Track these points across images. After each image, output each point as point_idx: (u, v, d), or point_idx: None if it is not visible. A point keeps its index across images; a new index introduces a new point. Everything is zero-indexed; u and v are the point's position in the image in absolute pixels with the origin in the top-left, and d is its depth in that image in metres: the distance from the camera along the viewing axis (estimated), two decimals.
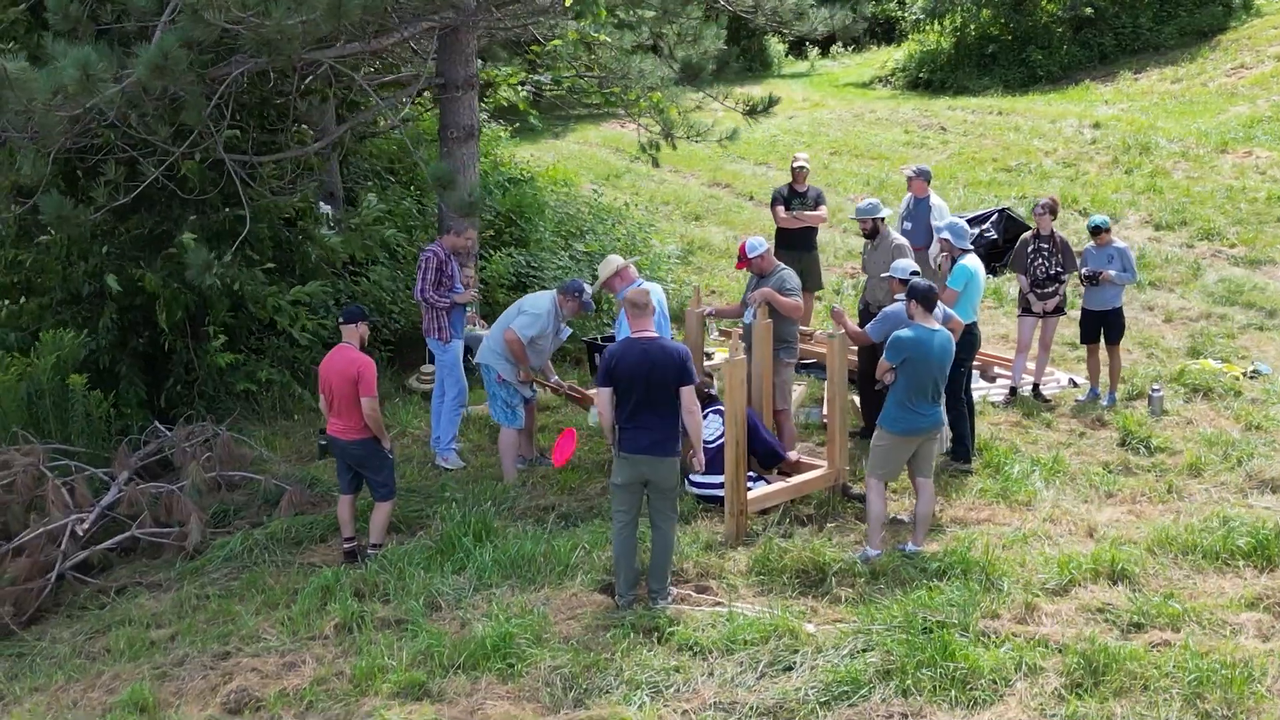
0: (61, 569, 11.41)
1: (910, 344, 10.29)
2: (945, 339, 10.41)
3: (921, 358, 10.28)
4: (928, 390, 10.36)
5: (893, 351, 10.35)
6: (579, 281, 12.47)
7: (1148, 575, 10.10)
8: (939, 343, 10.36)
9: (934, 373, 10.33)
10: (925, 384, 10.34)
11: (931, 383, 10.35)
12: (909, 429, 10.46)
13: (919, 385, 10.33)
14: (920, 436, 10.53)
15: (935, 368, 10.33)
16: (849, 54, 46.57)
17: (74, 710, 9.55)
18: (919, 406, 10.38)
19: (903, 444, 10.54)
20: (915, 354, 10.28)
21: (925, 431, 10.52)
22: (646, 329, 9.72)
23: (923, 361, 10.27)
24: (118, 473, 12.61)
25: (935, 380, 10.36)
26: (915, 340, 10.30)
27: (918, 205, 16.31)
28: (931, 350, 10.30)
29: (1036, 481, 11.95)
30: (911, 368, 10.29)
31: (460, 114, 15.48)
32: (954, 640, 8.80)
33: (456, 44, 15.30)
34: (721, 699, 8.47)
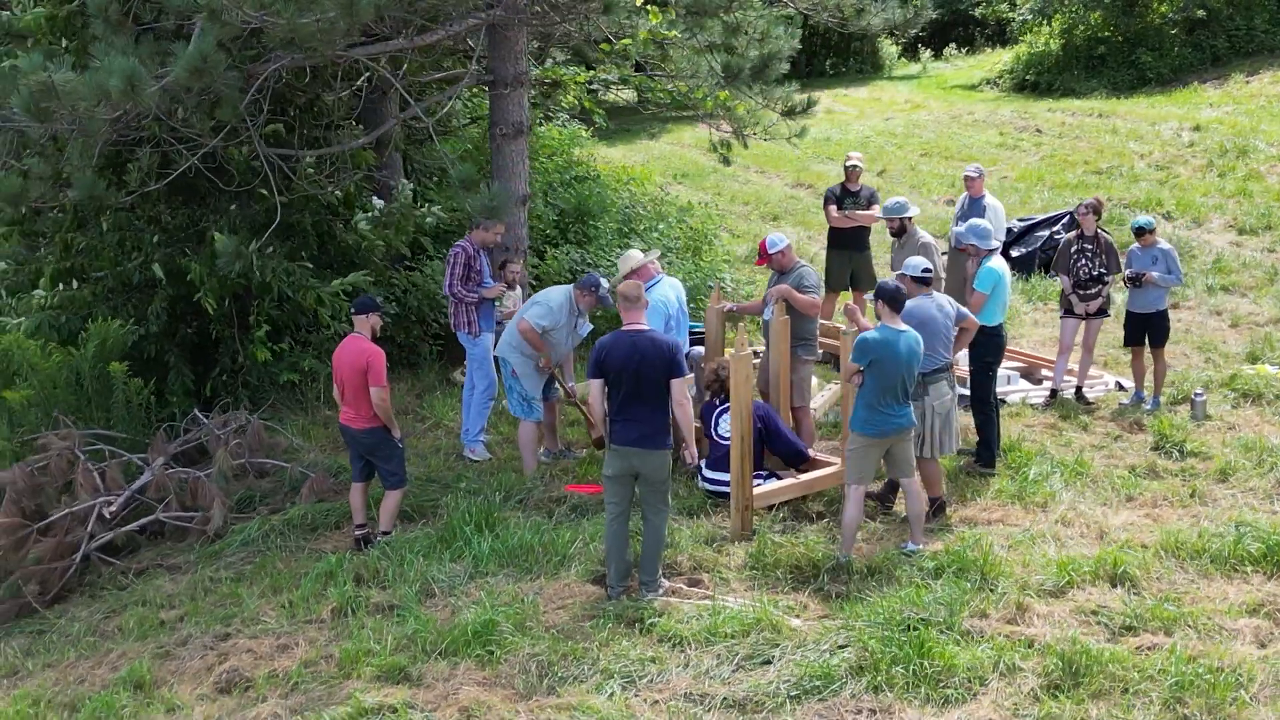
0: (87, 550, 11.69)
1: (877, 345, 10.22)
2: (912, 340, 10.34)
3: (888, 359, 10.19)
4: (896, 391, 10.26)
5: (859, 353, 10.32)
6: (596, 276, 12.52)
7: (1151, 579, 9.94)
8: (906, 344, 10.26)
9: (901, 374, 10.22)
10: (893, 385, 10.24)
11: (900, 383, 10.25)
12: (879, 430, 10.36)
13: (887, 386, 10.24)
14: (892, 438, 10.44)
15: (903, 369, 10.22)
16: (962, 56, 46.16)
17: (78, 686, 9.80)
18: (888, 407, 10.29)
19: (875, 446, 10.44)
20: (882, 355, 10.19)
21: (896, 432, 10.43)
22: (637, 321, 9.77)
23: (890, 363, 10.18)
24: (153, 458, 12.86)
25: (904, 381, 10.28)
26: (881, 342, 10.22)
27: (973, 205, 16.17)
28: (899, 351, 10.20)
29: (1056, 483, 11.77)
30: (879, 369, 10.20)
31: (509, 111, 15.56)
32: (930, 638, 8.74)
33: (505, 41, 15.39)
34: (693, 690, 8.49)
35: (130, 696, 9.35)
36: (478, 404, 13.18)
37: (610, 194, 21.08)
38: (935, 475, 11.28)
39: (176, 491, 12.20)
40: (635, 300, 9.82)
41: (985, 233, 12.31)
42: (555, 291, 12.47)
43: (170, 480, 12.27)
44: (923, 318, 10.99)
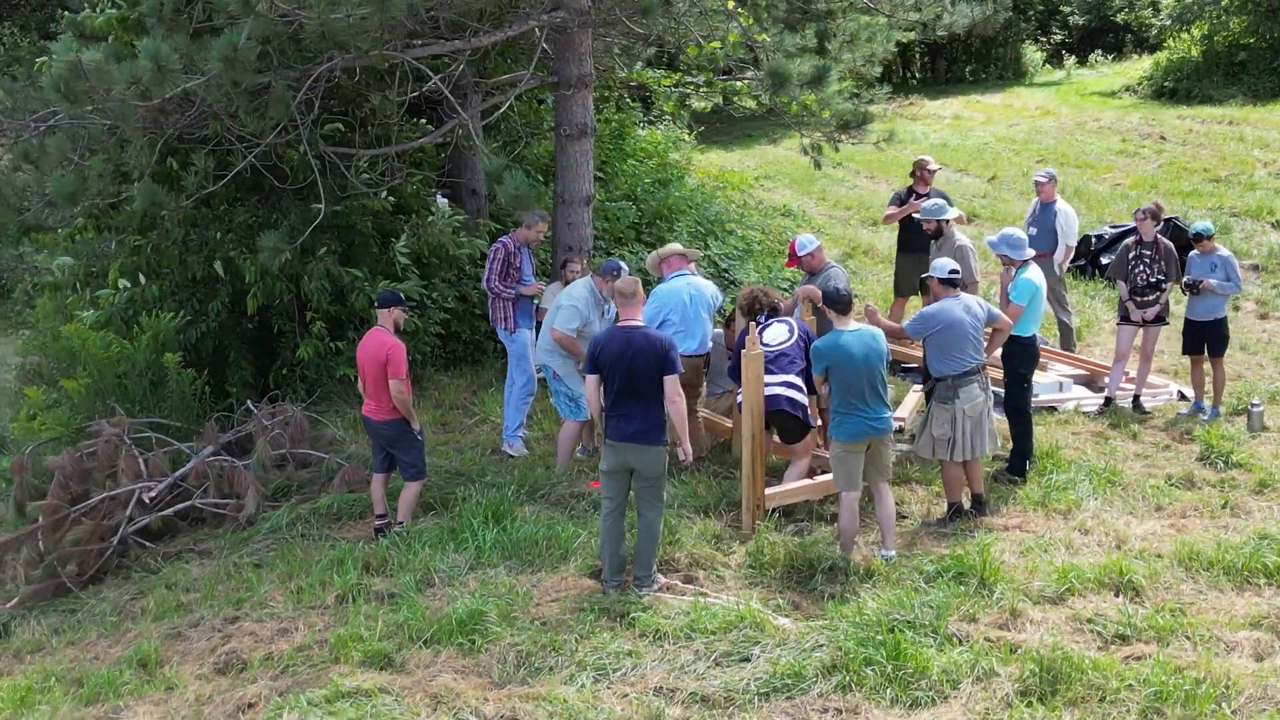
0: (124, 533, 12.02)
1: (827, 350, 10.25)
2: (867, 336, 10.28)
3: (842, 360, 10.16)
4: (864, 391, 10.18)
5: (815, 361, 10.36)
6: (614, 261, 12.56)
7: (1158, 589, 9.73)
8: (860, 342, 10.21)
9: (863, 372, 10.15)
10: (858, 385, 10.17)
11: (865, 383, 10.17)
12: (855, 432, 10.26)
13: (852, 387, 10.17)
14: (869, 439, 10.32)
15: (861, 367, 10.15)
16: (1108, 63, 45.41)
17: (92, 663, 10.11)
18: (859, 409, 10.21)
19: (854, 449, 10.33)
20: (835, 358, 10.20)
21: (874, 433, 10.30)
22: (633, 318, 9.82)
23: (845, 364, 10.14)
24: (200, 447, 13.19)
25: (868, 379, 10.19)
26: (830, 344, 10.23)
27: (1044, 210, 15.97)
28: (851, 351, 10.16)
29: (1083, 491, 11.56)
30: (838, 372, 10.17)
31: (574, 112, 15.68)
32: (905, 640, 8.66)
33: (569, 43, 15.52)
34: (665, 684, 8.52)
35: (133, 674, 9.63)
36: (516, 400, 13.30)
37: (695, 196, 21.10)
38: (958, 479, 11.15)
39: (215, 479, 12.48)
40: (631, 296, 9.86)
41: (1018, 242, 12.13)
42: (576, 288, 12.54)
43: (211, 469, 12.56)
44: (948, 320, 10.89)
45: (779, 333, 11.51)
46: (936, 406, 11.06)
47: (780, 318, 11.75)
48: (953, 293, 11.06)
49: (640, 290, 9.97)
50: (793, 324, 11.63)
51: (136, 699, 9.26)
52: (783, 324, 11.63)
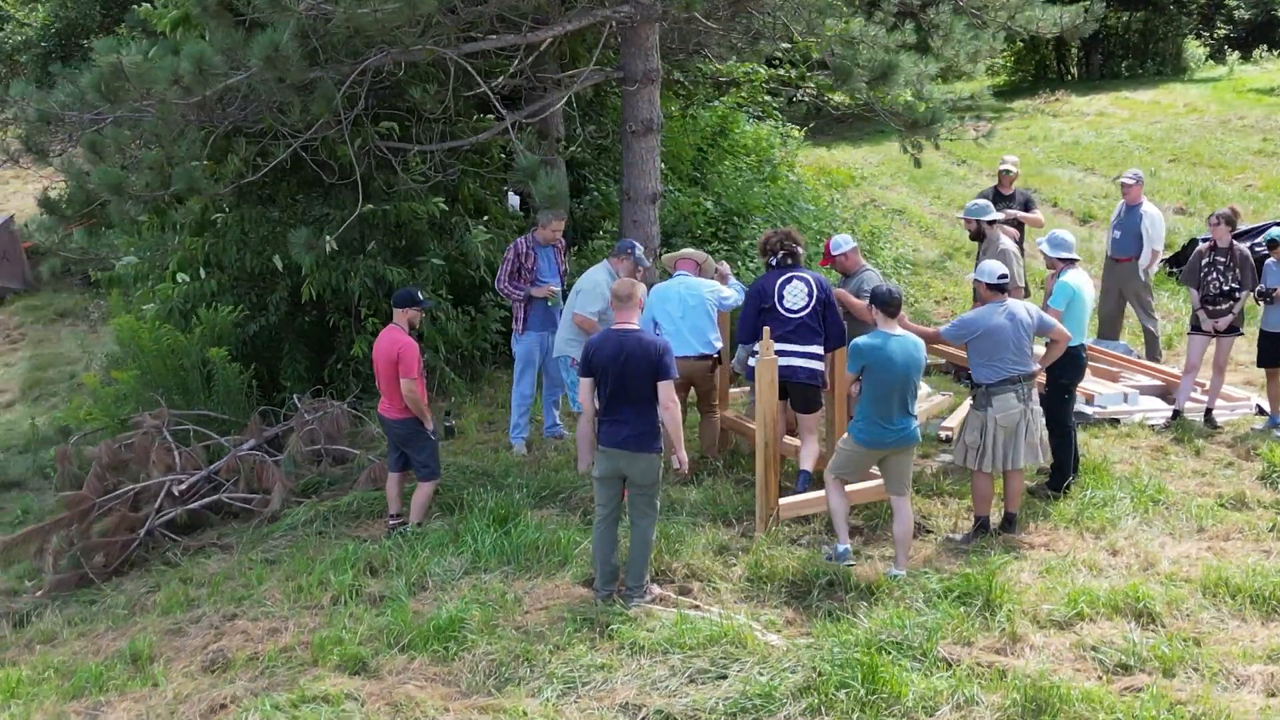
0: (151, 525, 12.05)
1: (867, 350, 9.84)
2: (909, 344, 9.88)
3: (881, 364, 9.80)
4: (893, 400, 9.84)
5: (852, 359, 9.96)
6: (629, 241, 12.32)
7: (1175, 616, 9.21)
8: (901, 348, 9.82)
9: (898, 381, 9.81)
10: (889, 393, 9.83)
11: (897, 393, 9.83)
12: (873, 441, 9.97)
13: (883, 395, 9.84)
14: (886, 450, 10.00)
15: (899, 375, 9.80)
16: (1273, 58, 44.02)
17: (92, 656, 10.13)
18: (884, 419, 9.88)
19: (866, 454, 10.07)
20: (874, 360, 9.81)
21: (892, 445, 9.96)
22: (628, 321, 9.55)
23: (883, 368, 9.80)
24: (238, 442, 13.21)
25: (901, 390, 9.84)
26: (873, 346, 9.82)
27: (1129, 213, 15.39)
28: (893, 355, 9.78)
29: (1123, 509, 11.03)
30: (873, 375, 9.83)
31: (639, 108, 15.43)
32: (884, 662, 8.28)
33: (635, 37, 15.28)
34: (632, 701, 8.23)
35: (123, 669, 9.61)
36: (516, 400, 13.18)
37: (794, 193, 20.64)
38: (987, 493, 10.70)
39: (245, 474, 12.46)
40: (627, 299, 9.60)
41: (1060, 242, 11.63)
42: (594, 273, 12.31)
43: (243, 463, 12.55)
44: (986, 326, 10.46)
45: (798, 296, 11.15)
46: (971, 413, 10.68)
47: (798, 271, 11.35)
48: (999, 298, 10.60)
49: (636, 293, 9.68)
50: (810, 281, 11.24)
51: (120, 695, 9.24)
52: (801, 281, 11.25)
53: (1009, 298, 10.65)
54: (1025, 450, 10.52)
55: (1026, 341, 10.49)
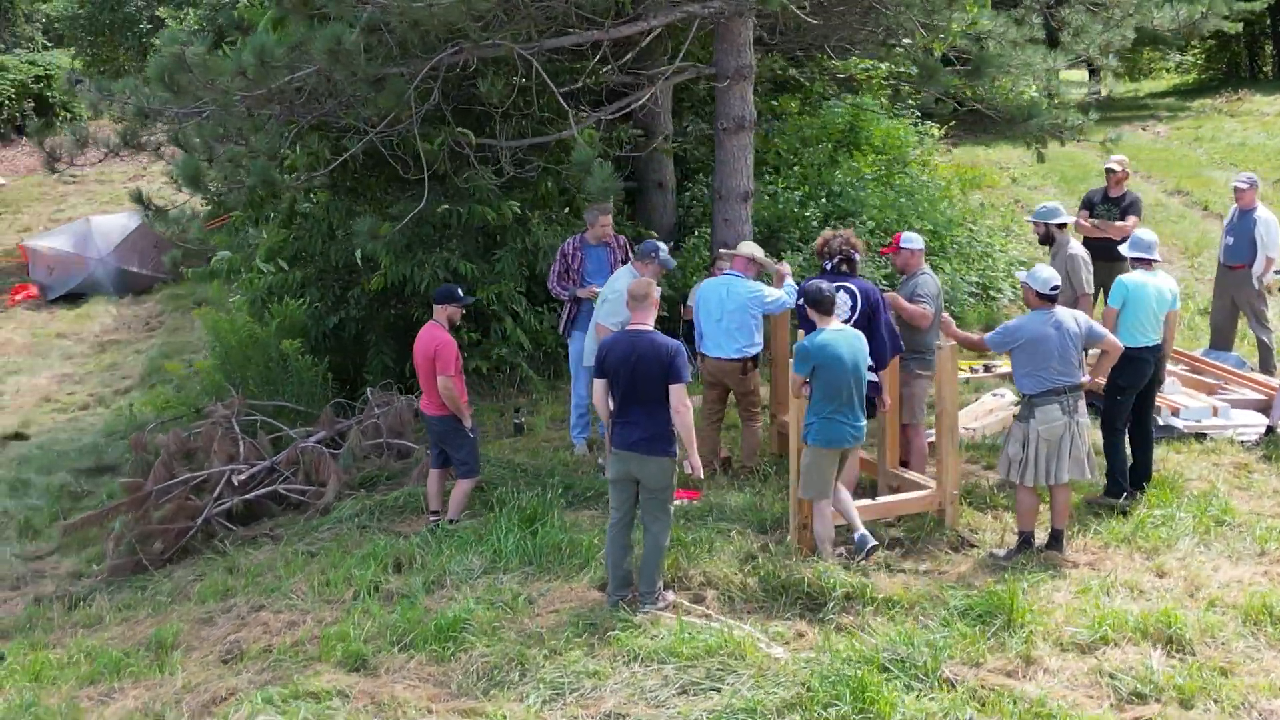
0: (208, 514, 12.19)
1: (815, 350, 9.75)
2: (853, 338, 9.83)
3: (830, 362, 9.66)
4: (843, 396, 9.70)
5: (799, 361, 9.79)
6: (652, 243, 12.05)
7: (1208, 644, 8.72)
8: (847, 343, 9.76)
9: (847, 377, 9.68)
10: (839, 390, 9.69)
11: (847, 389, 9.69)
12: (830, 439, 9.80)
13: (833, 392, 9.69)
14: (845, 448, 9.91)
15: (849, 370, 9.68)
16: None
17: (125, 642, 10.28)
18: (840, 416, 9.74)
19: (828, 456, 9.85)
20: (822, 360, 9.71)
21: (851, 443, 9.89)
22: (642, 322, 9.37)
23: (833, 365, 9.66)
24: (314, 432, 13.32)
25: (850, 387, 9.70)
26: (819, 346, 9.74)
27: (1242, 218, 14.71)
28: (840, 353, 9.69)
29: (1182, 529, 10.51)
30: (823, 374, 9.68)
31: (731, 105, 15.20)
32: (873, 680, 7.97)
33: (727, 33, 15.06)
34: (617, 710, 8.06)
35: (143, 657, 9.71)
36: (574, 401, 13.11)
37: (918, 194, 20.12)
38: (1030, 508, 10.28)
39: (305, 466, 12.54)
40: (642, 299, 9.42)
41: (1138, 243, 11.16)
42: (616, 278, 12.06)
43: (304, 455, 12.64)
44: (1030, 335, 10.07)
45: (841, 308, 10.74)
46: (1015, 424, 10.31)
47: (848, 280, 11.00)
48: (1048, 307, 10.18)
49: (652, 293, 9.48)
50: (856, 291, 10.88)
51: (134, 682, 9.35)
52: (847, 292, 10.88)
53: (1059, 306, 10.23)
54: (1070, 464, 10.08)
55: (1074, 352, 10.05)
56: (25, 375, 21.47)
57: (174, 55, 11.63)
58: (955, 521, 10.72)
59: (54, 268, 27.30)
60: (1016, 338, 10.12)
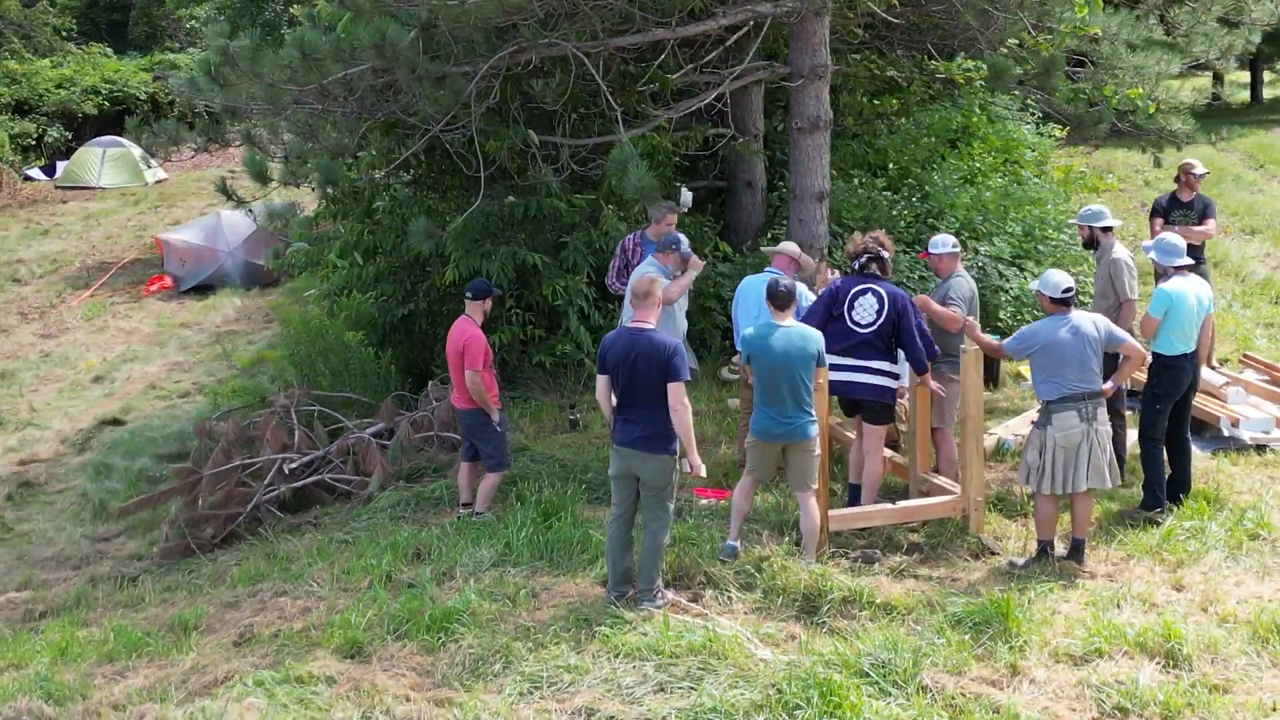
0: (258, 501, 12.48)
1: (749, 341, 9.99)
2: (794, 335, 9.82)
3: (759, 354, 9.82)
4: (776, 391, 9.76)
5: (742, 349, 10.19)
6: (674, 235, 12.04)
7: (1208, 660, 8.49)
8: (785, 339, 9.77)
9: (781, 371, 9.72)
10: (771, 384, 9.78)
11: (782, 384, 9.74)
12: (761, 431, 9.97)
13: (765, 384, 9.83)
14: (777, 442, 9.92)
15: (778, 364, 9.72)
16: None
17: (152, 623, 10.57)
18: (768, 408, 9.84)
19: (759, 446, 10.04)
20: (754, 350, 9.90)
21: (780, 438, 9.87)
22: (644, 320, 9.38)
23: (762, 359, 9.80)
24: (373, 424, 13.56)
25: (785, 382, 9.73)
26: (755, 337, 9.92)
27: None
28: (773, 346, 9.75)
29: (1213, 541, 10.23)
30: (756, 365, 9.89)
31: (806, 105, 15.11)
32: (841, 684, 7.90)
33: (802, 32, 14.98)
34: (589, 705, 8.09)
35: (163, 638, 9.97)
36: None
37: (1018, 196, 19.76)
38: (1049, 516, 10.08)
39: (353, 456, 12.77)
40: (644, 297, 9.44)
41: (1168, 248, 10.89)
42: (641, 271, 12.03)
43: (355, 446, 12.87)
44: (1046, 340, 9.91)
45: (867, 310, 10.75)
46: (1033, 431, 10.13)
47: (876, 283, 10.88)
48: (1063, 311, 9.99)
49: (655, 291, 9.49)
50: (884, 296, 10.74)
51: (147, 662, 9.59)
52: (874, 295, 10.77)
53: (1077, 311, 10.03)
54: (1090, 473, 9.86)
55: (1092, 358, 9.84)
56: (140, 363, 22.15)
57: (220, 49, 11.90)
58: (980, 528, 10.55)
59: (186, 260, 28.14)
60: (1032, 344, 9.94)
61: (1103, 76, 18.20)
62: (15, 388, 21.50)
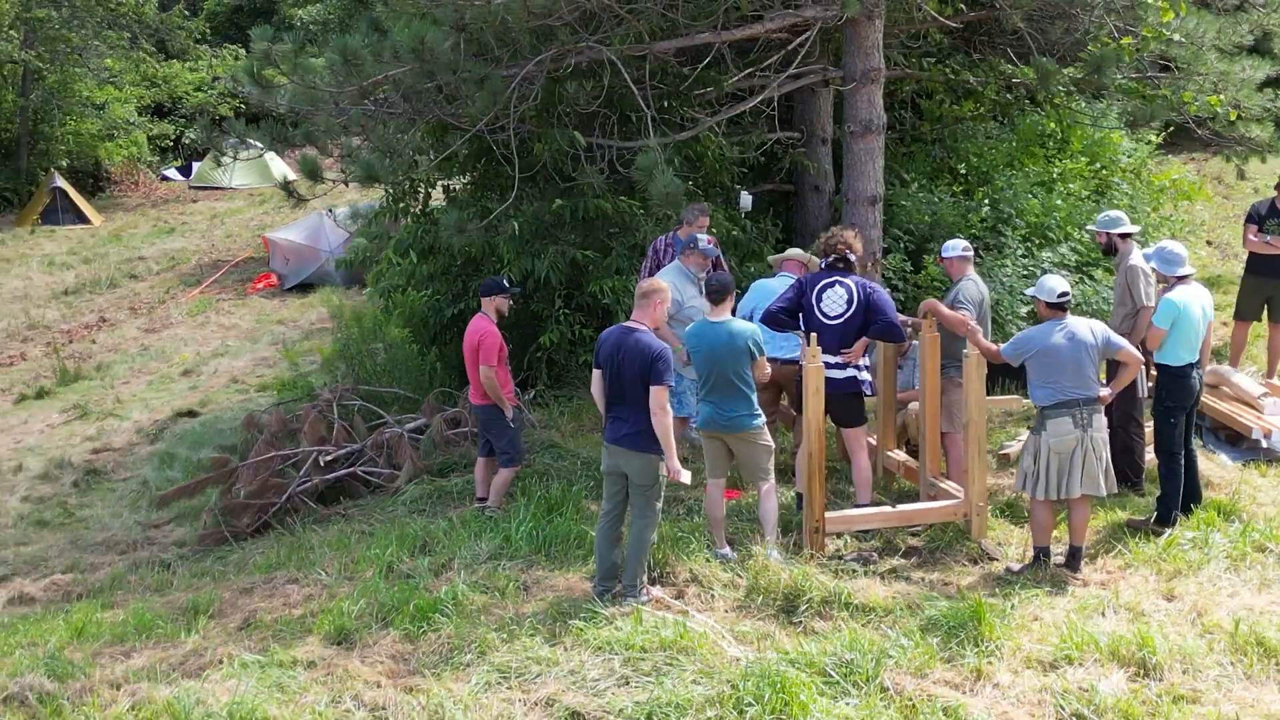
0: (292, 492, 12.81)
1: (688, 336, 10.28)
2: (732, 332, 9.95)
3: (695, 349, 10.12)
4: (714, 383, 9.99)
5: (685, 344, 10.48)
6: (693, 235, 12.10)
7: (1178, 670, 8.41)
8: (719, 335, 9.96)
9: (716, 365, 9.94)
10: (710, 376, 10.00)
11: (720, 377, 9.95)
12: (704, 421, 10.22)
13: (705, 377, 10.08)
14: (720, 433, 10.13)
15: (717, 361, 9.93)
16: None
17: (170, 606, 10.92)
18: (710, 400, 10.07)
19: (706, 438, 10.33)
20: (691, 345, 10.19)
21: (722, 428, 10.08)
22: (639, 320, 9.59)
23: (697, 353, 10.08)
24: (416, 419, 13.83)
25: (720, 375, 9.95)
26: (693, 333, 10.20)
27: None
28: (707, 342, 10.00)
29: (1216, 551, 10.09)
30: (694, 359, 10.20)
31: (859, 108, 15.12)
32: (792, 682, 7.96)
33: (856, 35, 14.99)
34: (551, 696, 8.24)
35: (174, 621, 10.31)
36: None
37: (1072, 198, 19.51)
38: (1044, 523, 10.00)
39: (387, 450, 13.05)
40: (642, 298, 9.70)
41: (1170, 257, 10.73)
42: (666, 272, 12.10)
43: (391, 440, 13.14)
44: (1041, 345, 9.86)
45: (836, 302, 10.85)
46: (1029, 436, 10.09)
47: (843, 276, 10.98)
48: (1059, 316, 9.94)
49: (652, 293, 9.66)
50: (853, 288, 10.84)
51: (152, 644, 9.90)
52: (842, 287, 10.88)
53: (1072, 316, 9.96)
54: (1083, 479, 9.78)
55: (1088, 364, 9.77)
56: (229, 358, 22.73)
57: (262, 52, 12.24)
58: (982, 533, 10.51)
59: (290, 259, 28.75)
60: (1028, 348, 9.89)
61: (1182, 81, 17.92)
62: (108, 380, 22.20)
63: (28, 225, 37.09)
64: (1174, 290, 10.62)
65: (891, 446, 11.70)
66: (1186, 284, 10.70)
